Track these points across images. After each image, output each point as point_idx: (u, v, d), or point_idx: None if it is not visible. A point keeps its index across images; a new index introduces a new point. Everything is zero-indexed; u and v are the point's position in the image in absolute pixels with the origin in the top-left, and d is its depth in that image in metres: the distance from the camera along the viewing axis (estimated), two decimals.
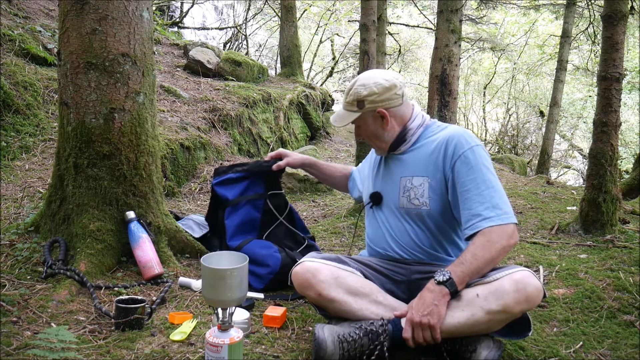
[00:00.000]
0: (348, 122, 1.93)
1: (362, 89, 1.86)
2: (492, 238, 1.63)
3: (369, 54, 3.70)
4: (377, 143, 1.93)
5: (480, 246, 1.63)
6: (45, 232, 2.32)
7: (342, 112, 1.95)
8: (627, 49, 10.07)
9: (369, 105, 1.86)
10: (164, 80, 5.35)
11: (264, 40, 12.41)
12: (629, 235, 2.97)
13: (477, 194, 1.69)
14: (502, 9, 11.16)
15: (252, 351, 1.69)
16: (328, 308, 1.76)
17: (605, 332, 1.96)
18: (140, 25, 2.30)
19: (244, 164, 2.48)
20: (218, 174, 2.46)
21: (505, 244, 1.64)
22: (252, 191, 2.44)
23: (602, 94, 3.01)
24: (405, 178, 1.85)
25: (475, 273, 1.62)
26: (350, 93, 1.89)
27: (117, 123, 2.25)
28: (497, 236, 1.64)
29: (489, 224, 1.65)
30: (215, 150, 4.58)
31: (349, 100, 1.90)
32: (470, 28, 11.15)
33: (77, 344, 1.63)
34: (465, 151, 1.74)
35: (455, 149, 1.75)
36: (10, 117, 3.57)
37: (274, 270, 2.23)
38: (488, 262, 1.63)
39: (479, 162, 1.73)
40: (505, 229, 1.64)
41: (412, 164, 1.86)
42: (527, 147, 13.53)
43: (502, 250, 1.64)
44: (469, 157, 1.73)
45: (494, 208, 1.66)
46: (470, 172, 1.72)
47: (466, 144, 1.75)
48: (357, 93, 1.87)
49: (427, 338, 1.59)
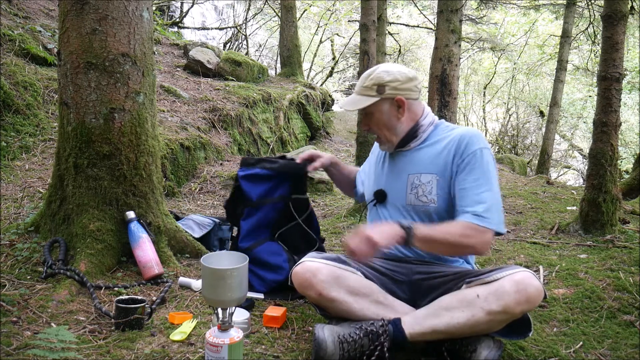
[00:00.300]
0: (363, 106, 1.85)
1: (385, 74, 1.83)
2: (470, 233, 1.66)
3: (369, 54, 3.70)
4: (387, 135, 1.88)
5: (456, 230, 1.67)
6: (45, 232, 2.32)
7: (357, 97, 1.87)
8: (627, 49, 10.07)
9: (390, 92, 1.82)
10: (164, 80, 5.35)
11: (264, 40, 12.41)
12: (629, 235, 2.97)
13: (476, 194, 1.71)
14: (502, 9, 11.16)
15: (252, 351, 1.69)
16: (328, 308, 1.76)
17: (605, 332, 1.96)
18: (140, 25, 2.30)
19: (273, 161, 2.31)
20: (246, 165, 2.30)
21: (476, 247, 1.68)
22: (277, 193, 2.29)
23: (602, 94, 3.01)
24: (413, 175, 1.84)
25: (432, 243, 1.69)
26: (370, 77, 1.84)
27: (117, 123, 2.25)
28: (476, 235, 1.67)
29: (477, 221, 1.68)
30: (215, 150, 4.58)
31: (368, 84, 1.84)
32: (470, 28, 11.15)
33: (77, 344, 1.63)
34: (475, 150, 1.75)
35: (467, 147, 1.77)
36: (10, 117, 3.57)
37: (278, 280, 2.20)
38: (449, 247, 1.70)
39: (485, 164, 1.74)
40: (486, 235, 1.67)
41: (420, 161, 1.85)
42: (527, 147, 13.53)
43: (469, 248, 1.70)
44: (477, 157, 1.75)
45: (487, 211, 1.68)
46: (475, 172, 1.73)
47: (477, 144, 1.76)
48: (379, 77, 1.83)
49: (364, 251, 1.63)
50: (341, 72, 14.47)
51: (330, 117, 7.46)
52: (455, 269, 1.81)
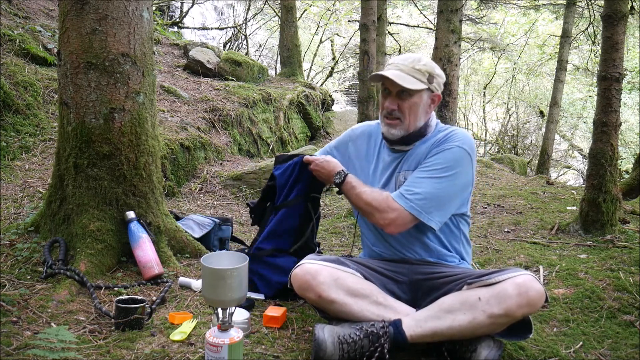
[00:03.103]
0: (414, 88, 1.79)
1: (435, 67, 1.85)
2: (379, 205, 1.76)
3: (369, 54, 3.70)
4: (410, 121, 1.82)
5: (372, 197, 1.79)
6: (45, 232, 2.32)
7: (407, 76, 1.79)
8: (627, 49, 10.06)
9: (435, 85, 1.85)
10: (164, 80, 5.35)
11: (264, 40, 12.39)
12: (629, 235, 2.97)
13: (417, 179, 1.77)
14: (502, 9, 11.16)
15: (252, 351, 1.69)
16: (328, 310, 1.75)
17: (605, 332, 1.96)
18: (140, 25, 2.30)
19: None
20: (279, 162, 2.21)
21: (376, 218, 1.78)
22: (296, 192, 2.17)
23: (602, 94, 3.01)
24: (400, 173, 1.86)
25: (349, 196, 1.87)
26: (423, 63, 1.81)
27: (117, 123, 2.25)
28: (383, 209, 1.75)
29: (396, 198, 1.75)
30: (215, 150, 4.58)
31: (422, 69, 1.80)
32: (470, 28, 11.15)
33: (77, 344, 1.63)
34: (449, 145, 1.79)
35: (443, 142, 1.81)
36: (10, 117, 3.57)
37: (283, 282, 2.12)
38: (358, 206, 1.85)
39: (449, 159, 1.76)
40: (392, 214, 1.74)
41: (411, 159, 1.86)
42: (527, 147, 13.52)
43: (371, 217, 1.81)
44: (446, 151, 1.78)
45: (415, 194, 1.73)
46: (436, 162, 1.77)
47: (455, 141, 1.79)
48: (432, 67, 1.83)
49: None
50: (341, 72, 14.46)
51: (330, 117, 7.45)
52: (456, 269, 1.81)
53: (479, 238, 3.16)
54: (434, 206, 1.73)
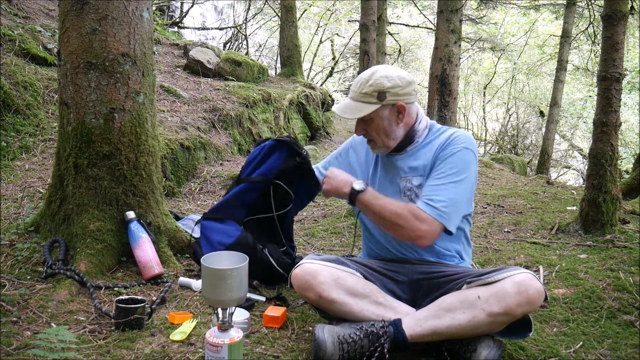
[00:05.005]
0: (364, 115, 1.80)
1: (385, 80, 1.77)
2: (406, 216, 1.71)
3: (369, 54, 3.70)
4: (384, 141, 1.84)
5: (396, 209, 1.73)
6: (45, 232, 2.32)
7: (355, 104, 1.81)
8: (627, 49, 10.06)
9: (391, 98, 1.78)
10: (164, 80, 5.35)
11: (264, 40, 12.40)
12: (629, 235, 2.97)
13: (437, 186, 1.75)
14: (502, 9, 11.16)
15: (252, 351, 1.69)
16: (328, 310, 1.75)
17: (605, 332, 1.96)
18: (140, 25, 2.30)
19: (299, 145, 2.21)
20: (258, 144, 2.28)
21: (406, 230, 1.72)
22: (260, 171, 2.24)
23: (602, 94, 3.01)
24: (404, 178, 1.85)
25: (368, 211, 1.78)
26: (369, 84, 1.78)
27: (117, 123, 2.25)
28: (411, 220, 1.71)
29: (423, 207, 1.72)
30: (215, 150, 4.58)
31: (368, 91, 1.78)
32: (470, 28, 11.16)
33: (77, 344, 1.63)
34: (454, 149, 1.78)
35: (449, 145, 1.80)
36: (10, 117, 3.57)
37: (225, 243, 2.20)
38: (381, 220, 1.77)
39: (459, 162, 1.76)
40: (423, 224, 1.70)
41: (412, 164, 1.85)
42: (527, 147, 13.53)
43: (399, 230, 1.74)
44: (454, 154, 1.77)
45: (440, 202, 1.71)
46: (445, 166, 1.76)
47: (460, 143, 1.79)
48: (379, 84, 1.77)
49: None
50: (341, 72, 14.47)
51: (330, 117, 7.45)
52: (455, 268, 1.81)
53: (479, 238, 3.16)
54: (454, 212, 1.74)
